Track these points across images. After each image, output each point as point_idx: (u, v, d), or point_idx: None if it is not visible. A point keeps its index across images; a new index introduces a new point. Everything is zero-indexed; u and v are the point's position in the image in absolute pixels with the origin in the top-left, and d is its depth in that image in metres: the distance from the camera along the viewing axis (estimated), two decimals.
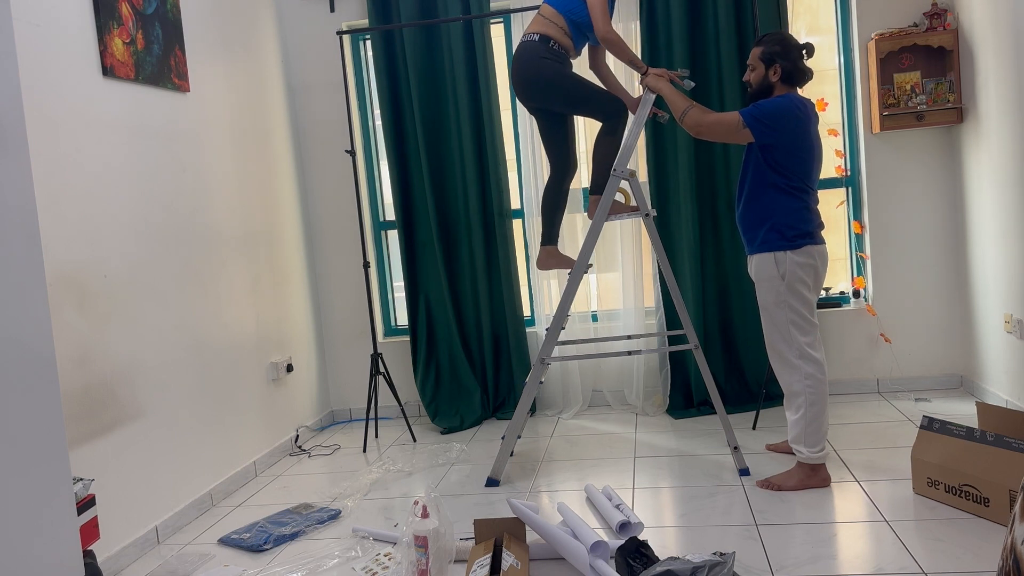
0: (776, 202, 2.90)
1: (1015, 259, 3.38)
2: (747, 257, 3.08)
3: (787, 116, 2.85)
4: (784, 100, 2.88)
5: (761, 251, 2.94)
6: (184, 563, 2.79)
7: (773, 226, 2.91)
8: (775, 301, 2.94)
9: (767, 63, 2.95)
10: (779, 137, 2.85)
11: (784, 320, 2.93)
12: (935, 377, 4.13)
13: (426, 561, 2.37)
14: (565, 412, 4.32)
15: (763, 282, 2.96)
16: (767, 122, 2.85)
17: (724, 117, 2.92)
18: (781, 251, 2.90)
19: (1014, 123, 3.30)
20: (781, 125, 2.84)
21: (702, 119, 2.93)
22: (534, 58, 3.22)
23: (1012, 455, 2.46)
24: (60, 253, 2.62)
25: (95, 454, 2.72)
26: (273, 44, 4.30)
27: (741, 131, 2.88)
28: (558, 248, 3.49)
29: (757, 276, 2.98)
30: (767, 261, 2.93)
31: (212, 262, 3.50)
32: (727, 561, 2.10)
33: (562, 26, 3.25)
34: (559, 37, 3.24)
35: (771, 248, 2.91)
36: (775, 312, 2.95)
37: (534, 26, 3.27)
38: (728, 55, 4.00)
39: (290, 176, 4.38)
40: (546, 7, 3.28)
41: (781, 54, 2.93)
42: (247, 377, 3.73)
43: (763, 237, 2.93)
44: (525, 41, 3.27)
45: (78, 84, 2.77)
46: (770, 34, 2.99)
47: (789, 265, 2.89)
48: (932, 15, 3.85)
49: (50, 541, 1.38)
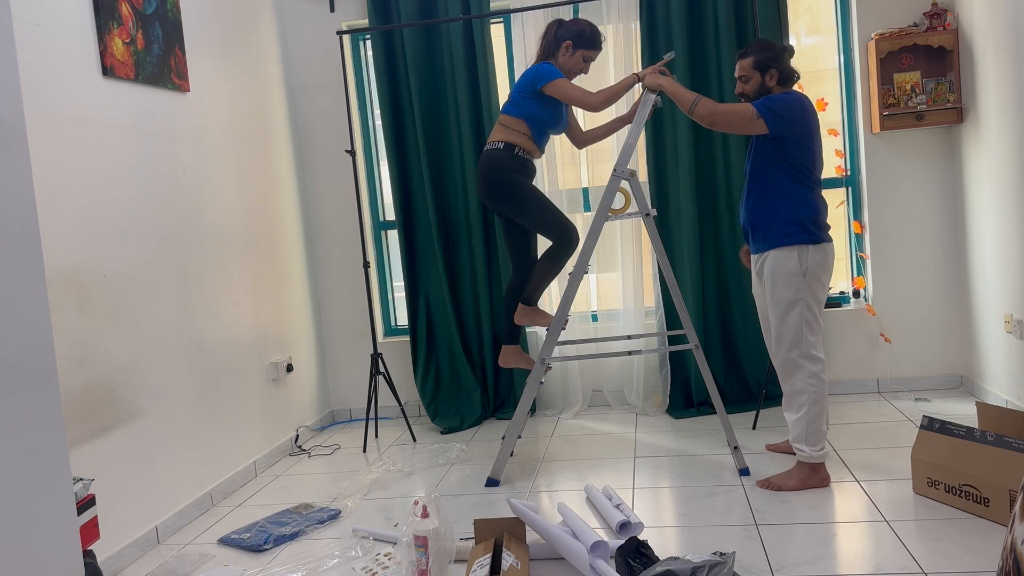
0: (796, 193, 2.88)
1: (1015, 259, 3.38)
2: (757, 254, 3.02)
3: (799, 109, 2.86)
4: (793, 94, 2.89)
5: (783, 245, 2.89)
6: (184, 563, 2.79)
7: (795, 219, 2.87)
8: (793, 298, 2.89)
9: (762, 70, 2.97)
10: (793, 129, 2.85)
11: (798, 318, 2.90)
12: (935, 377, 4.13)
13: (426, 561, 2.37)
14: (565, 412, 4.32)
15: (781, 278, 2.90)
16: (782, 113, 2.84)
17: (738, 108, 2.89)
18: (803, 245, 2.86)
19: (1014, 123, 3.30)
20: (794, 117, 2.85)
21: (715, 108, 2.89)
22: (497, 168, 3.26)
23: (1012, 455, 2.46)
24: (60, 253, 2.62)
25: (95, 454, 2.72)
26: (273, 44, 4.30)
27: (755, 122, 2.86)
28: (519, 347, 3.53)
29: (774, 271, 2.91)
30: (789, 256, 2.88)
31: (212, 262, 3.50)
32: (727, 561, 2.10)
33: (524, 131, 3.28)
34: (522, 143, 3.28)
35: (794, 242, 2.87)
36: (790, 309, 2.90)
37: (497, 134, 3.30)
38: (728, 55, 4.00)
39: (290, 176, 4.38)
40: (504, 116, 3.31)
41: (773, 59, 2.95)
42: (247, 377, 3.73)
43: (784, 231, 2.88)
44: (488, 149, 3.30)
45: (78, 84, 2.77)
46: (754, 43, 3.01)
47: (811, 262, 2.87)
48: (932, 15, 3.85)
49: (50, 541, 1.38)
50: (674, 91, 3.01)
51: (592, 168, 4.36)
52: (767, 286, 2.97)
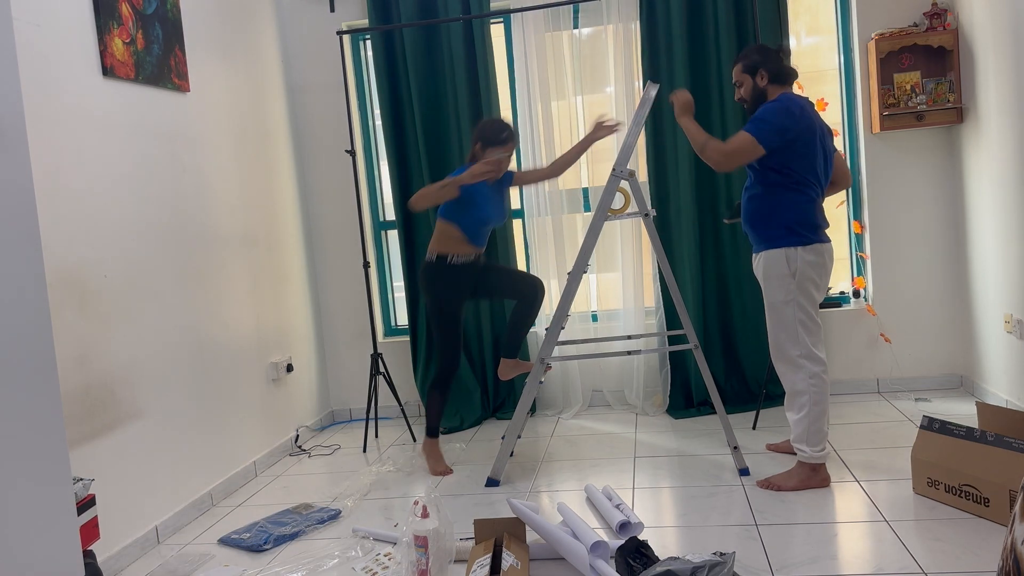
0: (783, 198, 2.89)
1: (1015, 259, 3.38)
2: (753, 255, 3.06)
3: (785, 114, 2.84)
4: (778, 101, 2.88)
5: (771, 247, 2.92)
6: (184, 563, 2.79)
7: (781, 222, 2.89)
8: (784, 299, 2.91)
9: (752, 73, 2.98)
10: (783, 137, 2.84)
11: (792, 319, 2.91)
12: (935, 377, 4.13)
13: (426, 561, 2.37)
14: (565, 412, 4.32)
15: (772, 279, 2.93)
16: (772, 126, 2.83)
17: (740, 144, 2.86)
18: (792, 247, 2.88)
19: (1014, 123, 3.29)
20: (784, 125, 2.83)
21: (722, 148, 2.89)
22: (427, 280, 3.41)
23: (1012, 455, 2.46)
24: (60, 253, 2.62)
25: (95, 454, 2.72)
26: (273, 44, 4.30)
27: (757, 146, 2.85)
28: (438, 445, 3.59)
29: (766, 273, 2.95)
30: (777, 258, 2.90)
31: (212, 262, 3.50)
32: (727, 561, 2.10)
33: (457, 235, 3.35)
34: (455, 248, 3.37)
35: (781, 244, 2.89)
36: (783, 311, 2.92)
37: (432, 244, 3.40)
38: (728, 55, 4.00)
39: (290, 176, 4.38)
40: (439, 222, 3.39)
41: (761, 61, 2.97)
42: (247, 377, 3.73)
43: (772, 233, 2.91)
44: (425, 261, 3.41)
45: (78, 84, 2.77)
46: (743, 50, 3.04)
47: (800, 263, 2.87)
48: (932, 15, 3.85)
49: (50, 541, 1.38)
50: (691, 131, 3.01)
51: (592, 168, 4.36)
52: (762, 287, 3.01)
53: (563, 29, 4.23)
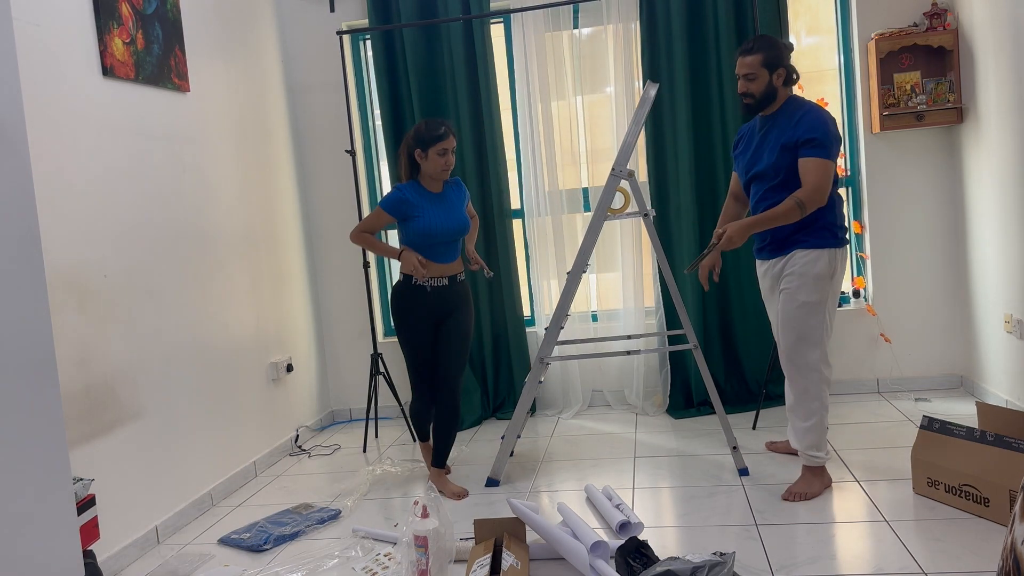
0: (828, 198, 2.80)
1: (1015, 259, 3.38)
2: (765, 260, 2.97)
3: (832, 125, 2.78)
4: (817, 109, 2.80)
5: (812, 247, 2.81)
6: (184, 563, 2.79)
7: (824, 223, 2.81)
8: (820, 299, 2.81)
9: (771, 69, 2.84)
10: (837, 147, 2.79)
11: (820, 322, 2.82)
12: (935, 377, 4.13)
13: (426, 561, 2.37)
14: (565, 412, 4.32)
15: (810, 280, 2.80)
16: (835, 141, 2.77)
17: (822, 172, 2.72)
18: (833, 248, 2.81)
19: (1014, 123, 3.29)
20: (837, 136, 2.78)
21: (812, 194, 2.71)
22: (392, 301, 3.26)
23: (1012, 455, 2.46)
24: (60, 253, 2.62)
25: (95, 454, 2.72)
26: (273, 44, 4.30)
27: (832, 165, 2.76)
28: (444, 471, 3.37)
29: (803, 273, 2.81)
30: (819, 258, 2.80)
31: (212, 262, 3.50)
32: (727, 561, 2.10)
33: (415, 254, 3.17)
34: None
35: (826, 245, 2.80)
36: (815, 311, 2.81)
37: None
38: (728, 55, 4.00)
39: (290, 176, 4.38)
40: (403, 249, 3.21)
41: (782, 58, 2.84)
42: (247, 377, 3.73)
43: (815, 234, 2.81)
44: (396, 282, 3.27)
45: (78, 84, 2.77)
46: (757, 40, 2.87)
47: (840, 266, 2.83)
48: (932, 15, 3.85)
49: (50, 541, 1.38)
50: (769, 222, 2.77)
51: (592, 168, 4.36)
52: (788, 286, 2.85)
53: (563, 29, 4.24)
